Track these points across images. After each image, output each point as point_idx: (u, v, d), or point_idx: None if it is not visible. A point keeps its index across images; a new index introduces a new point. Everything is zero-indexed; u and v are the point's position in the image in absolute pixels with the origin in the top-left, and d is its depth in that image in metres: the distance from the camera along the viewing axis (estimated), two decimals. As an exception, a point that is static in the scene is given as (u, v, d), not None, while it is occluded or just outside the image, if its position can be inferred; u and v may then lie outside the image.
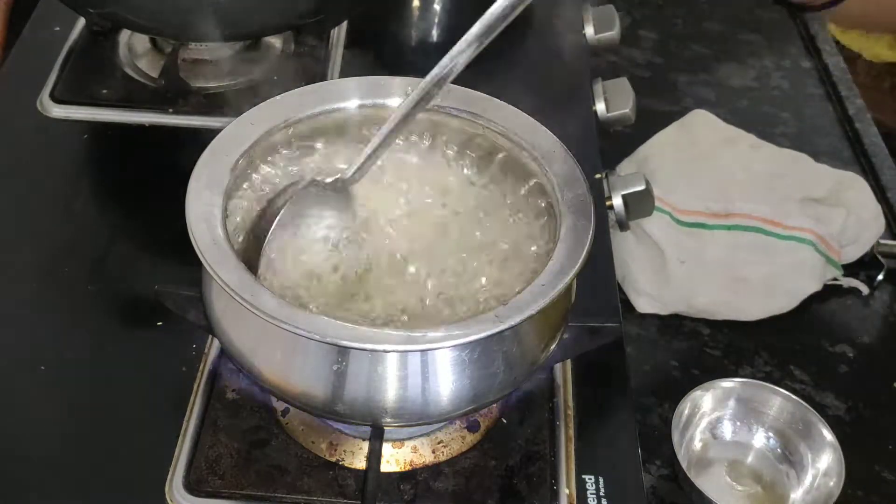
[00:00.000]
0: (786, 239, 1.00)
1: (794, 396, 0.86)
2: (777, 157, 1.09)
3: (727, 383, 0.88)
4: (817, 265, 1.01)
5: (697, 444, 0.87)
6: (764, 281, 1.00)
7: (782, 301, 1.01)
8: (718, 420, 0.88)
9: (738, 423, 0.88)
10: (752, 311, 1.01)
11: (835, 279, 1.04)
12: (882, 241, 1.06)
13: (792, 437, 0.86)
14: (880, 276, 1.05)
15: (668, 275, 1.00)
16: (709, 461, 0.87)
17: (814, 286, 1.01)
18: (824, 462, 0.83)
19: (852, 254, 1.05)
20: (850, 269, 1.05)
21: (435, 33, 1.11)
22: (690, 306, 1.00)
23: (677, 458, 0.82)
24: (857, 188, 1.06)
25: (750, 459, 0.87)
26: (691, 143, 1.09)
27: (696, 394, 0.86)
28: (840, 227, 1.02)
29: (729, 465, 0.86)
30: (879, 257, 1.06)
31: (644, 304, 1.01)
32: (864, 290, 1.04)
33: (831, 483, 0.82)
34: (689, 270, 1.00)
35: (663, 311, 1.01)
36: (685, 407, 0.85)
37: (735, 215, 1.01)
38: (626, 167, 1.09)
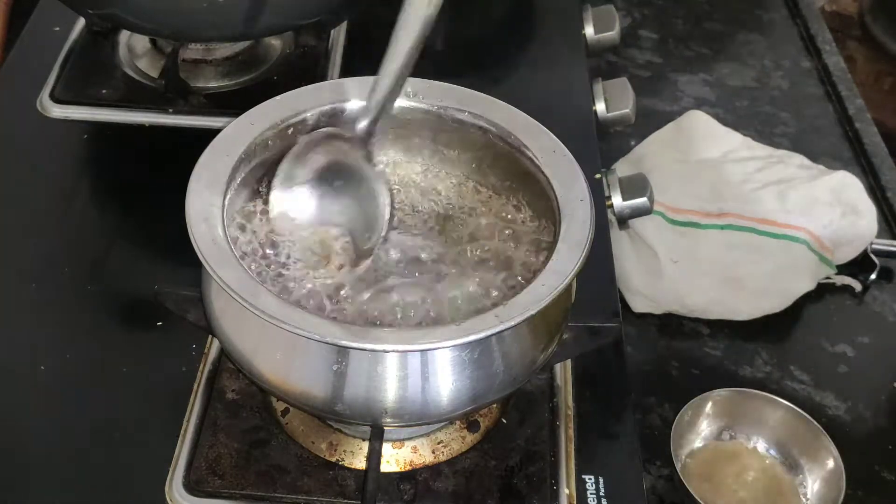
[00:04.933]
0: (779, 238, 1.00)
1: (796, 407, 0.86)
2: (771, 158, 1.09)
3: (728, 392, 0.87)
4: (811, 264, 1.00)
5: (697, 454, 0.87)
6: (757, 280, 1.00)
7: (775, 300, 1.01)
8: (719, 429, 0.88)
9: (739, 433, 0.87)
10: (745, 310, 1.00)
11: (827, 277, 1.04)
12: (876, 241, 1.06)
13: (793, 448, 0.86)
14: (873, 276, 1.05)
15: (661, 274, 1.00)
16: (708, 472, 0.86)
17: (807, 285, 1.01)
18: (825, 473, 0.83)
19: (847, 255, 1.05)
20: (844, 269, 1.05)
21: (434, 33, 1.11)
22: (684, 305, 1.00)
23: (676, 469, 0.82)
24: (852, 188, 1.06)
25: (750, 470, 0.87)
26: (686, 144, 1.09)
27: (697, 403, 0.86)
28: (834, 225, 1.02)
29: (729, 475, 0.86)
30: (873, 257, 1.06)
31: (638, 304, 1.01)
32: (857, 287, 1.04)
33: (832, 494, 0.81)
34: (681, 270, 1.00)
35: (657, 311, 1.01)
36: (685, 416, 0.85)
37: (728, 215, 1.01)
38: (621, 167, 1.09)
